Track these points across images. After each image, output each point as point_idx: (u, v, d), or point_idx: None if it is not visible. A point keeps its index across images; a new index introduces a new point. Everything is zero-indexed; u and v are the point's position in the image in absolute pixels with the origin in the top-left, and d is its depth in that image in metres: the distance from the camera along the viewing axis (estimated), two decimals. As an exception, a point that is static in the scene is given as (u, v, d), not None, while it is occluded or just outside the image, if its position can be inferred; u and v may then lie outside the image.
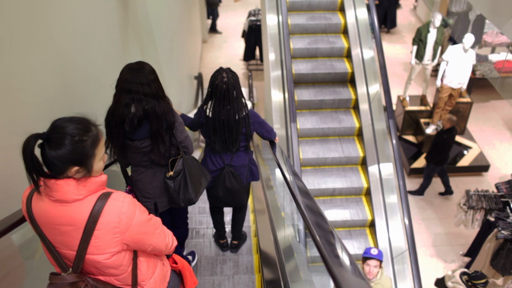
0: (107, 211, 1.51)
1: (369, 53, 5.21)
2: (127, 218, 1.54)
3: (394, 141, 4.28)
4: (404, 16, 12.20)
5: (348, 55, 5.39)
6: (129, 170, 2.63)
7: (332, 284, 1.26)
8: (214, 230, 3.65)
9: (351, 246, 4.57)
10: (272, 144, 3.19)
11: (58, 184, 1.46)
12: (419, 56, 7.19)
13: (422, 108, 7.73)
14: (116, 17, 3.25)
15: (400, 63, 10.07)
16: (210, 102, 2.71)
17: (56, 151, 1.43)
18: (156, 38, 4.73)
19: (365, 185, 4.78)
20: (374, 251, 3.48)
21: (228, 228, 3.71)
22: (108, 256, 1.57)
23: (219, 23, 11.99)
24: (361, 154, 4.90)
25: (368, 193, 4.76)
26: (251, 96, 8.41)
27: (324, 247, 1.36)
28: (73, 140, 1.44)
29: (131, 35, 3.67)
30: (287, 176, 2.56)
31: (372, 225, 4.64)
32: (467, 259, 5.76)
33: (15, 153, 1.42)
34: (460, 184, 7.22)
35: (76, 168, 1.47)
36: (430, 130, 7.40)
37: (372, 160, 4.79)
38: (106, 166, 2.68)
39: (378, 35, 4.82)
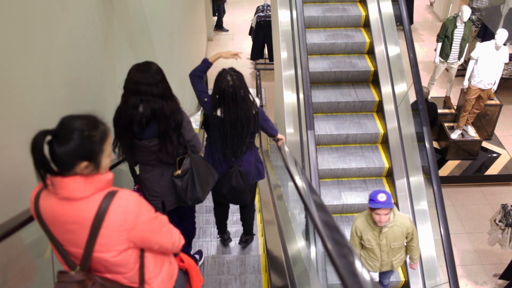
0: (113, 209, 1.50)
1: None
2: (133, 216, 1.54)
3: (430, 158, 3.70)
4: (420, 13, 11.55)
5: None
6: (137, 169, 2.62)
7: None
8: None
9: (367, 196, 4.21)
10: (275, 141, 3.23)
11: (65, 182, 1.46)
12: (444, 54, 6.58)
13: (446, 111, 7.13)
14: (99, 12, 2.71)
15: (418, 62, 9.42)
16: (219, 109, 2.69)
17: (65, 146, 1.43)
18: (152, 35, 4.22)
19: (382, 131, 4.51)
20: (381, 197, 3.02)
21: (235, 227, 3.75)
22: (115, 254, 1.56)
23: (225, 20, 11.52)
24: (376, 99, 4.67)
25: (385, 141, 4.51)
26: (259, 98, 7.84)
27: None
28: (82, 135, 1.45)
29: (119, 32, 3.14)
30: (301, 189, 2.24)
31: (389, 174, 4.39)
32: (501, 282, 5.15)
33: (23, 152, 1.42)
34: (488, 195, 6.59)
35: (85, 163, 1.46)
36: (455, 135, 6.78)
37: (389, 105, 4.54)
38: (114, 165, 2.65)
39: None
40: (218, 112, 2.68)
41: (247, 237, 3.63)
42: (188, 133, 2.44)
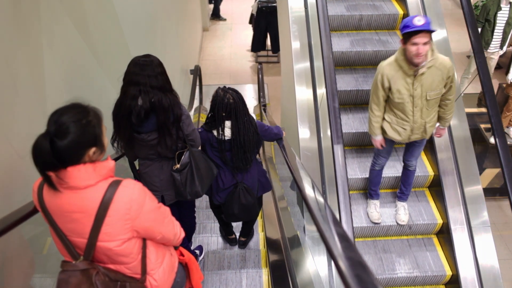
0: (118, 197, 1.53)
1: None
2: (137, 205, 1.57)
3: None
4: (439, -1, 10.53)
5: None
6: (136, 164, 2.62)
7: None
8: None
9: None
10: (280, 143, 3.13)
11: (69, 171, 1.47)
12: (484, 41, 5.57)
13: (482, 110, 6.13)
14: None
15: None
16: (219, 128, 2.69)
17: (70, 139, 1.43)
18: (122, 21, 3.32)
19: (401, 11, 4.21)
20: (419, 20, 2.50)
21: (235, 223, 3.73)
22: (119, 243, 1.58)
23: (223, 8, 10.84)
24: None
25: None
26: (261, 96, 6.78)
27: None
28: (81, 124, 1.46)
29: (53, 9, 2.31)
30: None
31: None
32: None
33: (23, 147, 1.42)
34: (536, 211, 5.58)
35: (93, 149, 1.50)
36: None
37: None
38: (114, 160, 2.64)
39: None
40: (215, 133, 2.69)
41: (243, 240, 3.61)
42: (187, 127, 2.44)
